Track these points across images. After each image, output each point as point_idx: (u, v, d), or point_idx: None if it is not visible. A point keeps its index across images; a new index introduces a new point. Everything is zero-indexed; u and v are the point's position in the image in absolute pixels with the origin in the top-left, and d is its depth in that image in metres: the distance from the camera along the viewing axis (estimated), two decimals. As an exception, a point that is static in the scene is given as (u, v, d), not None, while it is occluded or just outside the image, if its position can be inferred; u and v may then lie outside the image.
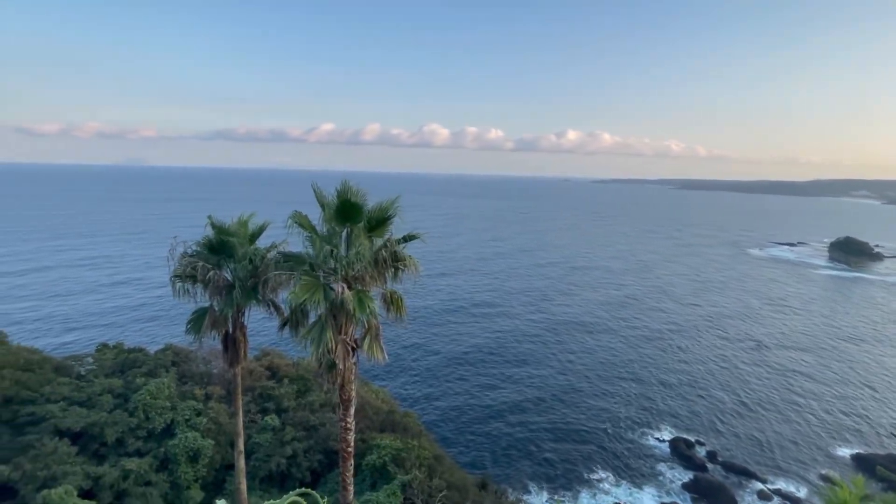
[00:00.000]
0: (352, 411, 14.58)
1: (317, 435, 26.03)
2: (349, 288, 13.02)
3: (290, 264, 14.34)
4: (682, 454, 38.92)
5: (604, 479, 35.96)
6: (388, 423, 28.19)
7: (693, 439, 41.38)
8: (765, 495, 34.97)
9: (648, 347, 62.84)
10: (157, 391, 24.88)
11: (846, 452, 40.43)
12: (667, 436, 41.90)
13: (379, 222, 13.98)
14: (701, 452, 39.72)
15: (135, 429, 23.61)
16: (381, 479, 23.43)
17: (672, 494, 34.75)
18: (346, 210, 13.37)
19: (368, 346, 13.79)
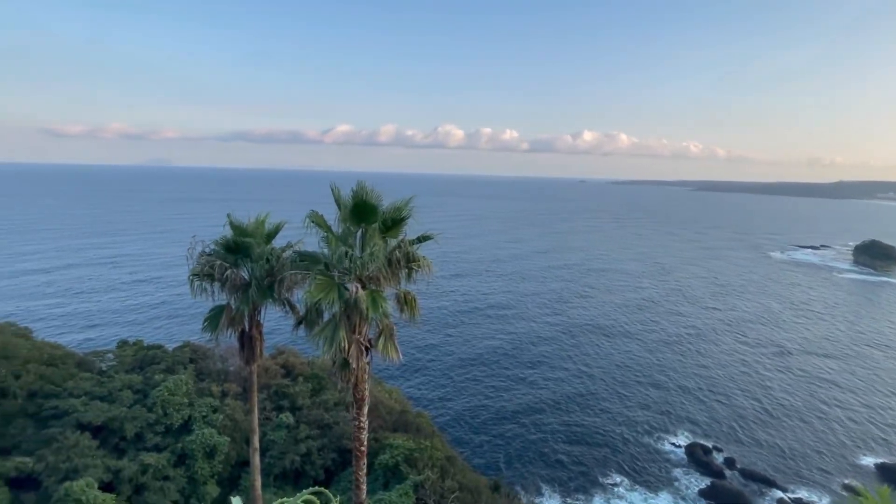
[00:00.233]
0: (365, 410, 14.64)
1: (330, 433, 26.22)
2: (363, 288, 13.08)
3: (305, 264, 14.48)
4: (698, 460, 38.26)
5: (618, 484, 35.53)
6: (401, 422, 28.26)
7: (710, 445, 40.65)
8: (785, 504, 34.23)
9: (666, 351, 61.94)
10: (175, 388, 25.32)
11: (871, 462, 39.31)
12: (683, 441, 41.23)
13: (393, 223, 14.02)
14: (718, 459, 39.00)
15: (153, 424, 24.06)
16: (393, 479, 23.50)
17: (688, 501, 34.18)
18: (361, 210, 13.45)
19: (383, 345, 13.84)
